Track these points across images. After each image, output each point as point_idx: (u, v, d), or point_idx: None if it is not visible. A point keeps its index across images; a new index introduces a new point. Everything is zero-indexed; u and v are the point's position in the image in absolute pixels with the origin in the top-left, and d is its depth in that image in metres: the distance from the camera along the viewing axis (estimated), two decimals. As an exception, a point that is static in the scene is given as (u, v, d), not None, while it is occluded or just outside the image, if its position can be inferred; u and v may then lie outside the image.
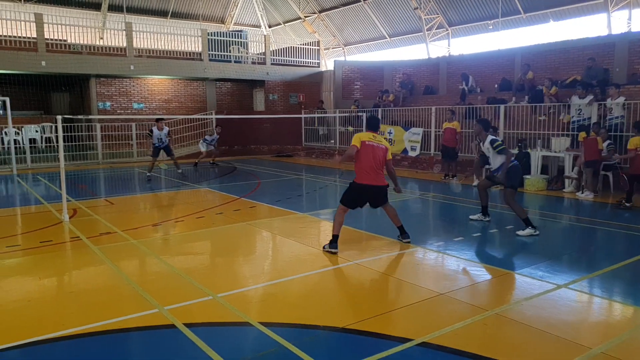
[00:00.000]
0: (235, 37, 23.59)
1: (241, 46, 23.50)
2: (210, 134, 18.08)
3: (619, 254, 6.76)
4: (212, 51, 22.14)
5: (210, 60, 21.96)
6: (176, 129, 20.09)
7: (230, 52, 22.80)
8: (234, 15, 31.81)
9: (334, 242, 6.62)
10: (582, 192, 11.11)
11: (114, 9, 27.32)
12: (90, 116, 17.97)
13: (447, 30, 24.12)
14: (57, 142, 17.29)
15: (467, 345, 3.95)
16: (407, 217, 9.31)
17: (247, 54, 23.77)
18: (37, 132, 19.63)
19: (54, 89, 21.76)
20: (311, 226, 8.61)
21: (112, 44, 20.90)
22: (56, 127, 19.36)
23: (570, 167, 11.92)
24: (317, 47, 25.73)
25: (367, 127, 7.15)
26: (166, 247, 7.33)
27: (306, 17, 29.41)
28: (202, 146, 17.82)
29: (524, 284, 5.47)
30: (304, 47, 25.41)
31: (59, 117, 8.93)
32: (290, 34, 31.03)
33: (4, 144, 18.69)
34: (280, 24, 32.35)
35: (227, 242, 7.59)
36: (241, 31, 25.15)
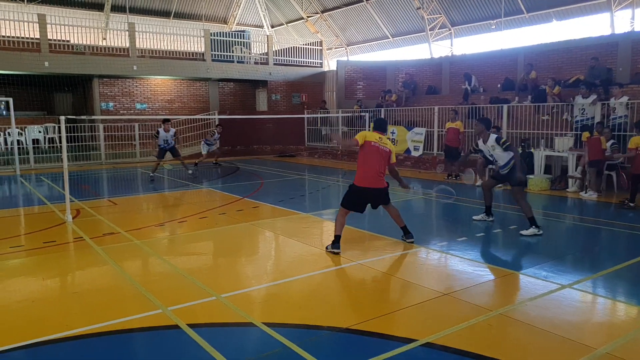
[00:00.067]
0: (237, 38, 23.62)
1: (244, 46, 23.53)
2: (211, 134, 18.06)
3: (623, 254, 6.74)
4: (214, 51, 22.18)
5: (212, 60, 22.00)
6: (179, 130, 20.08)
7: (232, 52, 22.84)
8: (236, 15, 31.82)
9: (336, 242, 6.61)
10: (586, 192, 11.09)
11: (116, 9, 27.35)
12: (93, 116, 17.98)
13: (449, 30, 24.09)
14: (60, 143, 17.32)
15: (471, 345, 3.94)
16: (411, 217, 9.28)
17: (249, 54, 23.79)
18: (40, 132, 19.66)
19: (56, 89, 21.79)
20: (314, 226, 8.61)
21: (115, 45, 20.96)
22: (59, 127, 19.45)
23: (573, 167, 11.90)
24: (319, 47, 25.77)
25: (374, 128, 7.10)
26: (169, 248, 7.35)
27: (309, 17, 29.39)
28: (203, 148, 17.82)
29: (528, 284, 5.46)
30: (307, 47, 25.43)
31: (62, 117, 8.92)
32: (292, 34, 31.02)
33: (7, 144, 18.74)
34: (282, 24, 32.34)
35: (230, 243, 7.59)
36: (244, 31, 25.17)
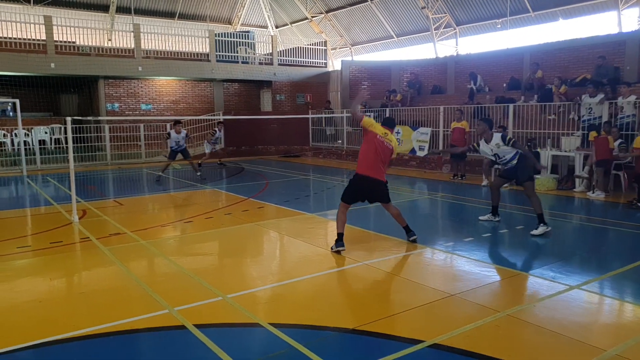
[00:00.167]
0: (242, 38, 23.65)
1: (248, 47, 23.56)
2: (212, 134, 18.03)
3: (631, 255, 6.68)
4: (219, 52, 22.22)
5: (217, 61, 22.05)
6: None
7: (237, 52, 22.87)
8: (241, 16, 31.86)
9: (339, 240, 6.60)
10: (593, 192, 11.02)
11: (122, 10, 27.45)
12: (99, 117, 18.02)
13: (454, 29, 24.04)
14: (67, 144, 17.37)
15: (479, 346, 3.91)
16: (416, 217, 9.28)
17: (254, 54, 23.81)
18: (46, 133, 19.75)
19: (62, 90, 21.89)
20: (319, 227, 8.59)
21: (120, 46, 21.04)
22: (65, 128, 19.53)
23: (580, 167, 11.83)
24: (324, 47, 25.77)
25: (383, 123, 7.07)
26: (175, 248, 7.35)
27: (313, 17, 29.39)
28: (206, 148, 17.81)
29: (536, 284, 5.42)
30: (311, 47, 25.44)
31: (69, 118, 8.93)
32: (297, 34, 31.03)
33: (14, 145, 18.83)
34: (287, 25, 32.37)
35: (236, 243, 7.59)
36: (248, 32, 25.19)
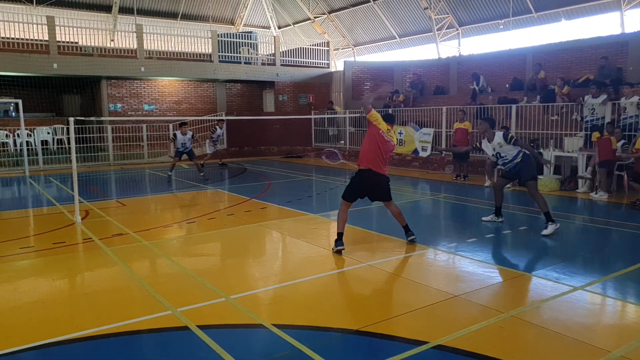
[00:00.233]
0: (245, 39, 23.66)
1: (251, 47, 23.56)
2: (212, 131, 17.99)
3: (635, 256, 6.65)
4: (222, 52, 22.23)
5: (220, 61, 22.06)
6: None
7: (240, 53, 22.87)
8: (243, 16, 31.88)
9: (339, 239, 6.60)
10: (596, 193, 11.00)
11: (124, 11, 27.48)
12: (102, 118, 18.03)
13: (457, 30, 24.01)
14: (69, 144, 17.37)
15: (483, 348, 3.90)
16: (419, 218, 9.27)
17: (256, 55, 23.82)
18: (48, 133, 19.78)
19: (65, 91, 21.93)
20: (322, 227, 8.57)
21: (123, 46, 21.04)
22: (68, 128, 19.55)
23: (583, 167, 11.81)
24: (326, 48, 25.77)
25: (384, 119, 7.04)
26: (178, 249, 7.33)
27: (315, 17, 29.39)
28: (208, 148, 17.79)
29: (540, 285, 5.40)
30: (314, 47, 25.43)
31: (72, 119, 8.93)
32: (299, 35, 31.03)
33: (16, 145, 18.85)
34: (289, 25, 32.37)
35: (239, 244, 7.58)
36: (251, 32, 25.21)
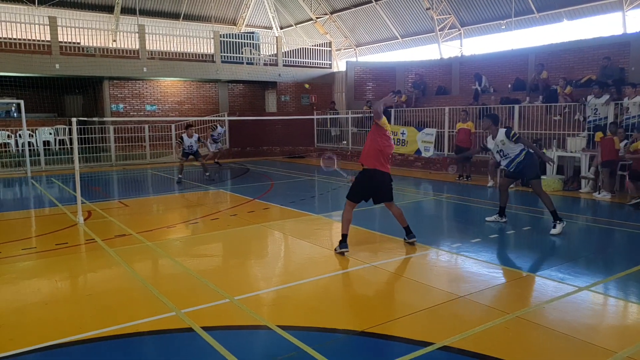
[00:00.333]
0: (247, 39, 23.66)
1: (253, 48, 23.56)
2: (212, 128, 17.94)
3: (639, 256, 6.64)
4: (224, 53, 22.23)
5: (222, 62, 22.07)
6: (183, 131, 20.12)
7: (242, 53, 22.87)
8: (245, 16, 31.86)
9: (343, 241, 6.55)
10: (599, 193, 10.99)
11: (126, 11, 27.47)
12: (104, 118, 18.03)
13: (459, 30, 23.97)
14: (71, 145, 17.34)
15: (489, 349, 3.88)
16: (423, 218, 9.25)
17: (259, 55, 23.81)
18: (50, 134, 19.77)
19: (67, 91, 21.91)
20: (325, 228, 8.56)
21: (125, 47, 21.06)
22: (70, 129, 19.55)
23: (586, 168, 11.79)
24: (328, 48, 25.76)
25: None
26: (181, 249, 7.31)
27: (318, 18, 29.36)
28: (210, 146, 17.77)
29: (545, 286, 5.38)
30: (316, 48, 25.42)
31: (74, 119, 8.92)
32: (301, 35, 31.01)
33: (18, 146, 18.86)
34: (291, 26, 32.34)
35: (242, 244, 7.56)
36: (253, 33, 25.21)
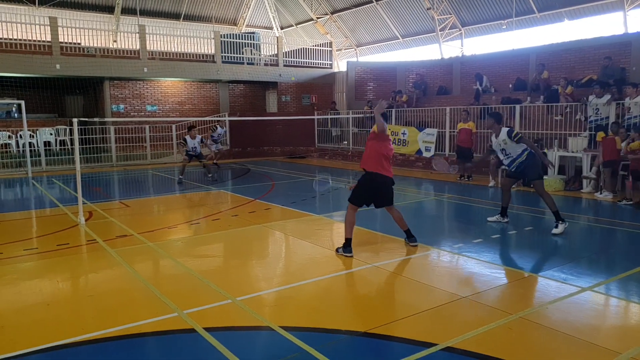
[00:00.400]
0: (247, 39, 23.65)
1: (254, 48, 23.55)
2: (212, 129, 17.90)
3: (643, 256, 6.63)
4: (224, 53, 22.22)
5: (223, 62, 22.07)
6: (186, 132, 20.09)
7: (242, 54, 22.86)
8: (246, 17, 31.84)
9: (347, 245, 6.50)
10: (601, 193, 10.98)
11: (127, 12, 27.47)
12: (105, 119, 18.02)
13: (460, 30, 23.95)
14: (72, 145, 17.31)
15: (492, 350, 3.86)
16: (424, 218, 9.24)
17: (259, 55, 23.80)
18: (51, 134, 19.77)
19: (68, 92, 21.92)
20: (327, 228, 8.55)
21: (126, 47, 21.06)
22: (70, 129, 19.53)
23: (588, 168, 11.77)
24: (329, 48, 25.75)
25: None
26: (183, 250, 7.30)
27: (318, 18, 29.35)
28: (210, 147, 17.74)
29: (548, 286, 5.37)
30: (317, 48, 25.41)
31: (75, 119, 8.89)
32: (302, 36, 31.01)
33: (19, 146, 18.85)
34: (292, 26, 32.33)
35: (244, 245, 7.55)
36: (253, 33, 25.20)
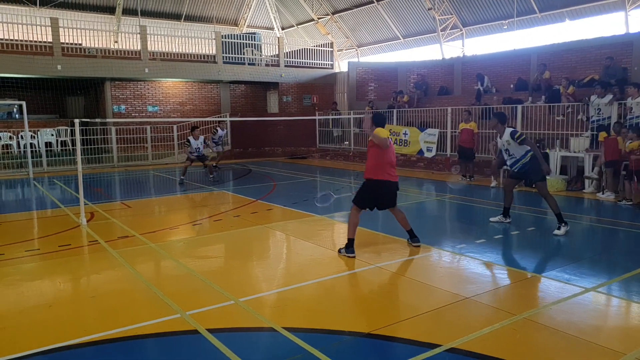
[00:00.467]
0: (248, 40, 23.64)
1: (255, 48, 23.54)
2: (213, 133, 17.89)
3: (646, 256, 6.61)
4: (225, 54, 22.21)
5: (224, 62, 22.04)
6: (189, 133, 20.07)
7: (244, 54, 22.84)
8: (247, 17, 31.82)
9: (350, 246, 6.49)
10: (603, 193, 10.96)
11: (128, 12, 27.45)
12: (106, 119, 18.01)
13: (461, 30, 23.93)
14: (73, 146, 17.27)
15: (497, 351, 3.85)
16: (426, 219, 9.22)
17: (260, 56, 23.79)
18: (52, 135, 19.74)
19: (69, 92, 21.89)
20: (329, 229, 8.54)
21: (127, 48, 21.03)
22: (71, 130, 19.52)
23: (590, 168, 11.76)
24: (330, 49, 25.73)
25: (378, 124, 6.77)
26: (185, 251, 7.28)
27: (319, 18, 29.34)
28: (213, 148, 17.72)
29: (551, 287, 5.35)
30: (318, 48, 25.40)
31: (77, 120, 8.88)
32: (303, 36, 31.00)
33: (20, 147, 18.84)
34: (293, 26, 32.31)
35: (247, 245, 7.53)
36: (254, 33, 25.19)
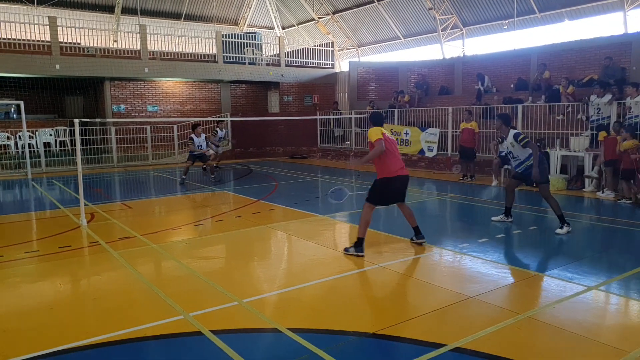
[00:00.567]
0: (249, 39, 23.62)
1: (255, 48, 23.52)
2: (213, 134, 17.85)
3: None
4: (226, 53, 22.19)
5: (224, 62, 22.01)
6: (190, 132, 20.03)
7: (244, 54, 22.82)
8: (247, 17, 31.80)
9: (359, 245, 6.41)
10: (603, 192, 10.99)
11: (127, 11, 27.41)
12: (105, 119, 17.97)
13: (461, 30, 23.94)
14: (72, 146, 17.24)
15: (502, 350, 3.84)
16: (428, 218, 9.22)
17: (261, 55, 23.77)
18: (51, 135, 19.69)
19: (68, 92, 21.82)
20: (332, 228, 8.53)
21: (126, 47, 20.99)
22: (71, 130, 19.48)
23: (590, 167, 11.78)
24: (331, 49, 25.73)
25: (375, 123, 6.79)
26: (187, 252, 7.24)
27: (320, 18, 29.33)
28: (211, 149, 17.66)
29: (554, 286, 5.35)
30: (318, 48, 25.39)
31: (77, 120, 8.83)
32: (304, 36, 30.98)
33: (18, 147, 18.78)
34: (293, 26, 32.30)
35: (249, 246, 7.51)
36: (255, 33, 25.16)
